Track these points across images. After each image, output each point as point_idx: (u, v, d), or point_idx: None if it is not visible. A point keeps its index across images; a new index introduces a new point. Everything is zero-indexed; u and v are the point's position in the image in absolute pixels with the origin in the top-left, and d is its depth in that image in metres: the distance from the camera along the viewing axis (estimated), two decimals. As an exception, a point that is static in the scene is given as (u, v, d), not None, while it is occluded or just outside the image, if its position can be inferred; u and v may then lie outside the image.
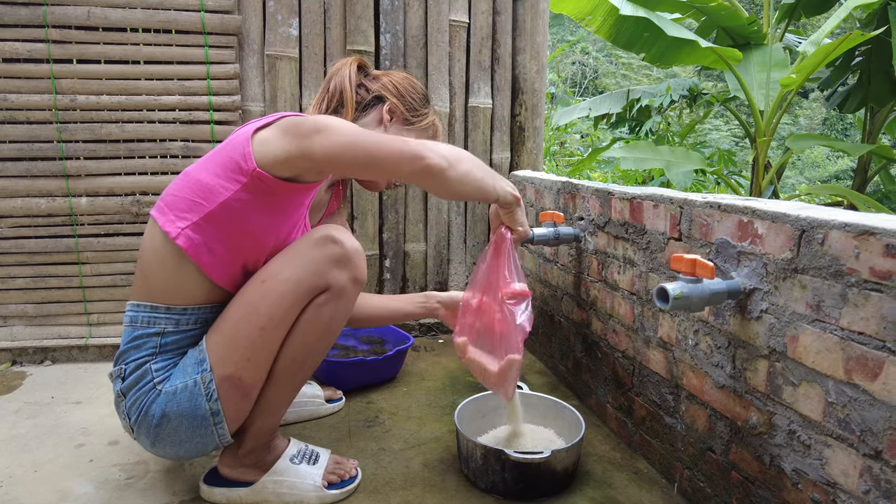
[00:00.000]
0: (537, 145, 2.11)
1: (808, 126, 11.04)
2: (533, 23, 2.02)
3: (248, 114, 1.85)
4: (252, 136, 0.97)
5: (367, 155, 0.95)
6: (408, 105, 1.27)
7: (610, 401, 1.40)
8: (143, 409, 1.00)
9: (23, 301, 1.79)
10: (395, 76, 1.29)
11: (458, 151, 1.02)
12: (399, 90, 1.27)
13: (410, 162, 0.96)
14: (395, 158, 0.96)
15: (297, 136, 0.95)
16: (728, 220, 0.96)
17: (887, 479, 0.71)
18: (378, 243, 2.01)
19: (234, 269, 1.02)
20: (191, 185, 0.99)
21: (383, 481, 1.17)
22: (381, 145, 0.96)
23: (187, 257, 0.98)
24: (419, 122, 1.28)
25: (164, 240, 0.98)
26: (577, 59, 11.25)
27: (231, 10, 1.78)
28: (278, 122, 0.98)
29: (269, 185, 0.96)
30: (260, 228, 1.01)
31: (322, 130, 0.95)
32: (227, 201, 0.96)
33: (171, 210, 0.99)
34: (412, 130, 1.28)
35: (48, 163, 1.73)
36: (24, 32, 1.67)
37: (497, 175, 1.08)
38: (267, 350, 1.01)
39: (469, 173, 1.01)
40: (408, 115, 1.26)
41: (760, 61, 4.08)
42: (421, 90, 1.31)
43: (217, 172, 0.97)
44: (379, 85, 1.27)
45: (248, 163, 0.95)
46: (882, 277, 0.71)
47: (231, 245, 1.00)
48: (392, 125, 1.26)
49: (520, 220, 1.13)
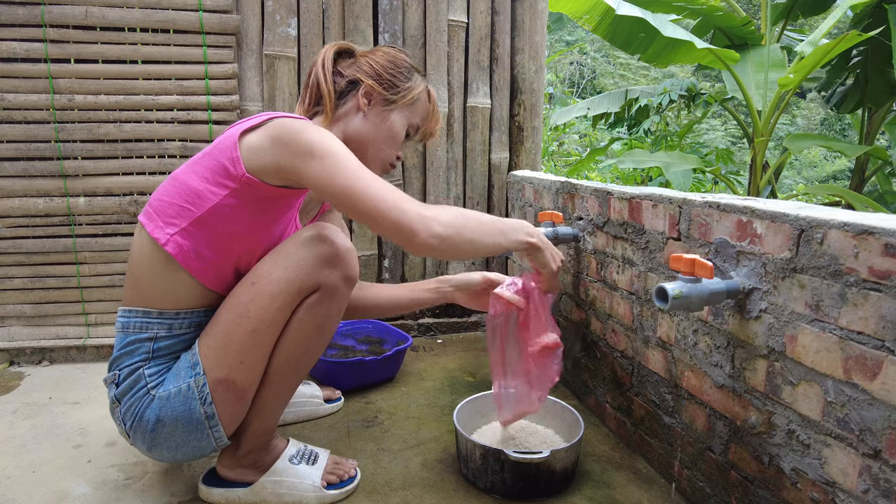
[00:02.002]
0: (536, 145, 2.11)
1: (806, 126, 11.06)
2: (531, 23, 2.02)
3: (246, 113, 1.84)
4: (240, 140, 0.95)
5: (363, 209, 0.92)
6: (386, 83, 1.16)
7: (609, 400, 1.40)
8: (138, 415, 1.00)
9: (20, 301, 1.79)
10: (375, 54, 1.19)
11: (458, 219, 0.97)
12: (375, 69, 1.16)
13: (407, 238, 0.92)
14: (391, 223, 0.92)
15: (290, 154, 0.93)
16: (727, 220, 0.96)
17: (886, 479, 0.71)
18: (377, 243, 2.01)
19: (225, 272, 1.02)
20: (179, 189, 0.98)
21: (382, 481, 1.17)
22: (378, 204, 0.91)
23: (177, 263, 0.98)
24: (402, 99, 1.17)
25: (154, 246, 0.98)
26: (575, 59, 11.25)
27: (229, 9, 1.77)
28: (268, 127, 0.96)
29: (258, 191, 0.96)
30: (250, 232, 1.01)
31: (318, 157, 0.92)
32: (216, 207, 0.96)
33: (159, 216, 0.99)
34: (396, 110, 1.17)
35: (46, 163, 1.73)
36: (22, 32, 1.66)
37: (508, 224, 1.05)
38: (260, 352, 1.01)
39: (473, 241, 0.98)
40: (387, 93, 1.16)
41: (758, 61, 4.09)
42: (403, 63, 1.19)
43: (205, 177, 0.96)
44: (354, 68, 1.17)
45: (237, 168, 0.94)
46: (881, 277, 0.71)
47: (221, 249, 0.99)
48: (372, 109, 1.16)
49: (543, 263, 1.09)
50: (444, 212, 0.96)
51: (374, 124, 1.15)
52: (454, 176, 2.03)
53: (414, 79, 1.19)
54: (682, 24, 4.47)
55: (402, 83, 1.17)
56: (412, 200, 0.95)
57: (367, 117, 1.15)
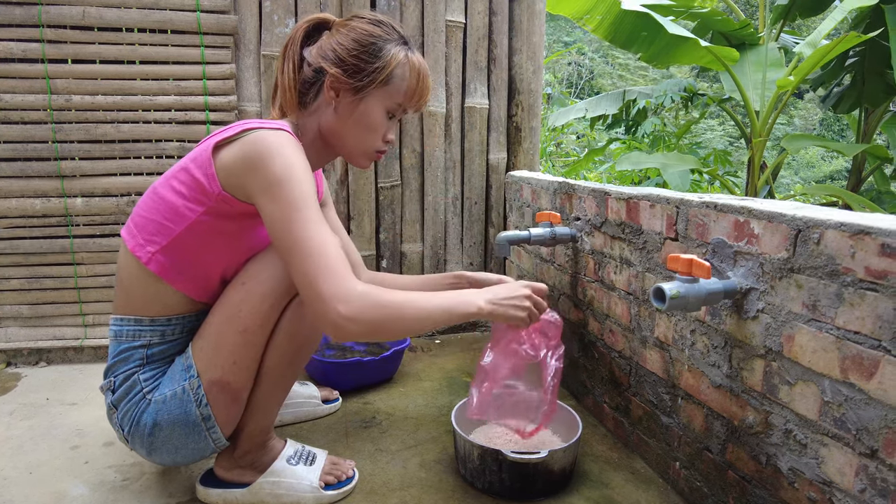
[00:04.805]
0: (534, 146, 2.11)
1: (804, 126, 11.08)
2: (529, 23, 2.02)
3: (244, 114, 1.84)
4: (214, 154, 0.94)
5: (293, 271, 0.89)
6: (350, 69, 1.01)
7: (607, 401, 1.40)
8: (135, 420, 1.00)
9: (18, 302, 1.78)
10: (340, 32, 1.03)
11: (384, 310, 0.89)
12: (338, 53, 1.01)
13: (318, 317, 0.87)
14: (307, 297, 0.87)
15: (256, 185, 0.90)
16: (724, 220, 0.96)
17: (883, 478, 0.71)
18: (375, 244, 2.00)
19: (210, 283, 1.02)
20: (157, 205, 0.98)
21: (380, 482, 1.17)
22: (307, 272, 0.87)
23: (162, 280, 0.98)
24: (371, 84, 1.02)
25: (137, 263, 0.98)
26: (573, 59, 11.26)
27: (227, 10, 1.77)
28: (241, 144, 0.93)
29: (234, 206, 0.96)
30: (231, 244, 1.00)
31: (276, 201, 0.89)
32: (194, 224, 0.95)
33: (140, 232, 0.99)
34: (367, 97, 1.03)
35: (43, 163, 1.73)
36: (19, 32, 1.66)
37: (459, 299, 0.97)
38: (252, 352, 1.01)
39: (405, 329, 0.92)
40: (353, 81, 1.01)
41: (756, 62, 4.10)
42: (368, 39, 1.02)
43: (182, 193, 0.96)
44: (319, 54, 1.03)
45: (213, 185, 0.94)
46: (877, 277, 0.71)
47: (204, 262, 0.99)
48: (341, 101, 1.03)
49: (507, 318, 1.01)
50: (373, 300, 0.88)
51: (346, 116, 1.04)
52: (452, 176, 2.03)
53: (384, 54, 1.02)
54: (681, 26, 4.48)
55: (370, 64, 1.01)
56: (346, 278, 0.87)
57: (338, 110, 1.04)
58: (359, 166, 1.13)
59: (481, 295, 1.00)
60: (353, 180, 1.94)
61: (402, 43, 1.06)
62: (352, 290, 0.86)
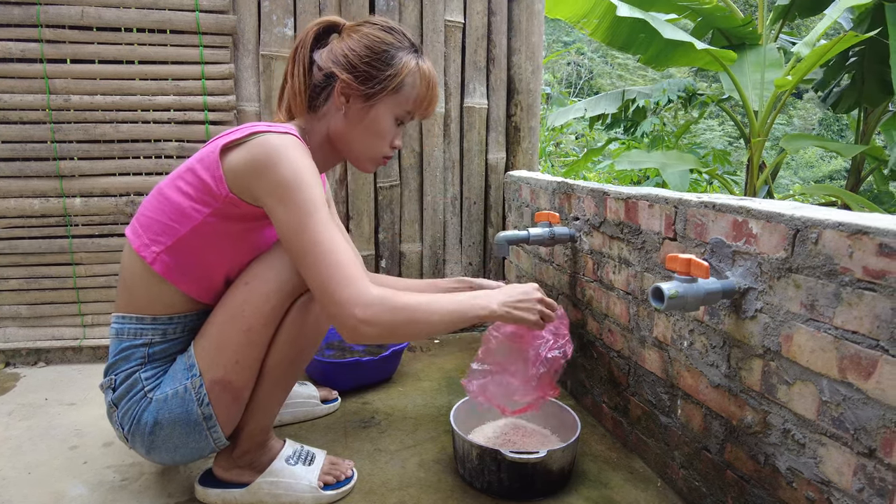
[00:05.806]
0: (533, 145, 2.12)
1: (804, 126, 11.09)
2: (528, 23, 2.02)
3: (242, 114, 1.84)
4: (221, 157, 0.94)
5: (307, 276, 0.90)
6: (362, 76, 1.02)
7: (605, 400, 1.40)
8: (136, 418, 1.00)
9: (16, 302, 1.78)
10: (353, 36, 1.03)
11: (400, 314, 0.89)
12: (350, 59, 1.02)
13: (338, 325, 0.88)
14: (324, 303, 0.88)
15: (264, 189, 0.91)
16: (723, 220, 0.96)
17: (881, 478, 0.71)
18: (374, 244, 2.00)
19: (214, 283, 1.02)
20: (163, 205, 0.98)
21: (379, 482, 1.17)
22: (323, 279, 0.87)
23: (166, 280, 0.98)
24: (382, 91, 1.03)
25: (142, 262, 0.98)
26: (572, 59, 11.26)
27: (226, 9, 1.77)
28: (249, 147, 0.93)
29: (241, 209, 0.96)
30: (236, 245, 1.01)
31: (285, 203, 0.89)
32: (200, 225, 0.96)
33: (145, 232, 0.98)
34: (378, 103, 1.04)
35: (42, 163, 1.73)
36: (18, 32, 1.66)
37: (472, 303, 0.98)
38: (255, 351, 1.01)
39: (417, 332, 0.93)
40: (364, 88, 1.02)
41: (755, 62, 4.10)
42: (381, 46, 1.02)
43: (189, 194, 0.96)
44: (329, 58, 1.03)
45: (220, 187, 0.94)
46: (875, 276, 0.71)
47: (208, 263, 0.99)
48: (351, 107, 1.04)
49: (518, 321, 1.03)
50: (389, 303, 0.89)
51: (356, 122, 1.05)
52: (451, 176, 2.03)
53: (397, 61, 1.03)
54: (681, 25, 4.48)
55: (382, 72, 1.02)
56: (361, 282, 0.88)
57: (348, 116, 1.05)
58: (364, 171, 1.15)
59: (494, 297, 1.01)
60: (351, 180, 1.94)
61: (413, 51, 1.07)
62: (368, 294, 0.88)
